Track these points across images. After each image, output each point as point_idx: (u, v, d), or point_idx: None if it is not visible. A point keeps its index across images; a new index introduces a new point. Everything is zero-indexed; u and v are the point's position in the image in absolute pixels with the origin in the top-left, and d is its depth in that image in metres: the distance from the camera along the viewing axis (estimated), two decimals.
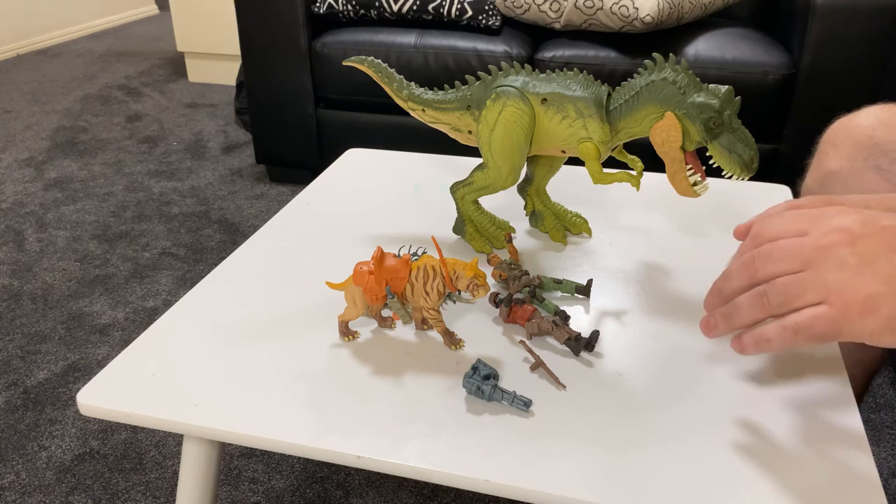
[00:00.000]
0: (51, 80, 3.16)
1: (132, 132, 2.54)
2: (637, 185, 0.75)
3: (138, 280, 1.63)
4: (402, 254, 0.64)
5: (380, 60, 0.81)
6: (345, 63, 0.83)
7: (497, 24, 1.82)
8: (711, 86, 0.66)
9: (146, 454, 1.14)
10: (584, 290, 0.71)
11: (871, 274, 0.44)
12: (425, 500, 1.05)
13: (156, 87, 3.04)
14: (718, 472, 0.51)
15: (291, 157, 2.04)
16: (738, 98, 0.66)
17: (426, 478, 0.52)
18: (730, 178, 0.68)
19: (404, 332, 0.67)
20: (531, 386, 0.59)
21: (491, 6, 1.81)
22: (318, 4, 1.87)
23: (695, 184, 0.69)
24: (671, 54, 0.69)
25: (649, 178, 0.97)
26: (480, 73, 0.76)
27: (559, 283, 0.72)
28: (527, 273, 0.71)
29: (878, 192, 0.73)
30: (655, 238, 0.83)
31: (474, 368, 0.58)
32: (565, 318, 0.67)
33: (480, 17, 1.82)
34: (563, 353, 0.63)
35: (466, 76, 0.78)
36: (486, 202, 0.92)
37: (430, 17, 1.85)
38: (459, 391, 0.59)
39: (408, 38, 1.81)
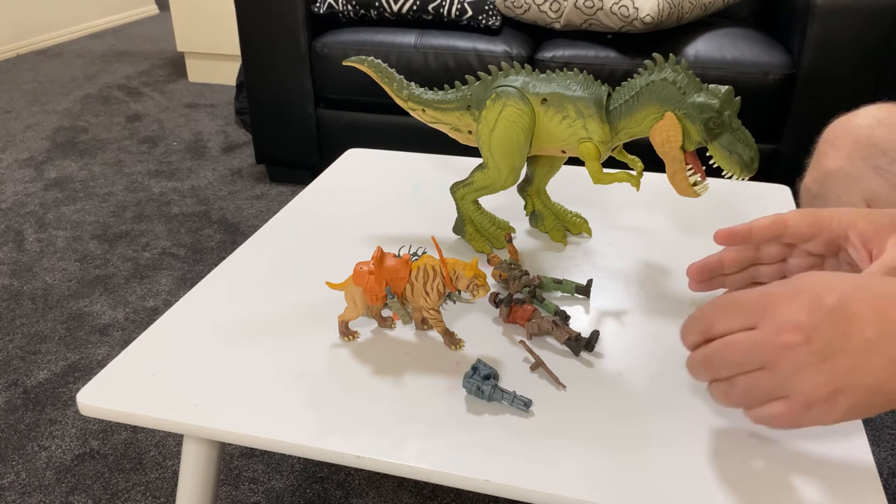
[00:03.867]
0: (51, 80, 3.16)
1: (132, 132, 2.54)
2: (637, 185, 0.75)
3: (138, 280, 1.63)
4: (402, 254, 0.64)
5: (380, 60, 0.81)
6: (345, 63, 0.83)
7: (497, 24, 1.82)
8: (711, 86, 0.66)
9: (146, 454, 1.14)
10: (584, 290, 0.71)
11: (830, 370, 0.45)
12: (425, 500, 1.05)
13: (156, 87, 3.04)
14: (718, 472, 0.51)
15: (291, 157, 2.04)
16: (738, 98, 0.66)
17: (426, 478, 0.52)
18: (730, 178, 0.68)
19: (404, 332, 0.67)
20: (531, 386, 0.59)
21: (491, 6, 1.81)
22: (318, 4, 1.87)
23: (695, 184, 0.69)
24: (671, 54, 0.69)
25: (649, 178, 0.97)
26: (480, 73, 0.76)
27: (559, 283, 0.72)
28: (527, 273, 0.71)
29: (877, 192, 0.73)
30: (655, 238, 0.83)
31: (474, 368, 0.58)
32: (565, 318, 0.67)
33: (480, 17, 1.82)
34: (563, 353, 0.63)
35: (466, 76, 0.78)
36: (486, 202, 0.92)
37: (430, 17, 1.85)
38: (459, 391, 0.59)
39: (408, 38, 1.81)
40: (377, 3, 1.85)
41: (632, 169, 0.76)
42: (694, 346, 0.51)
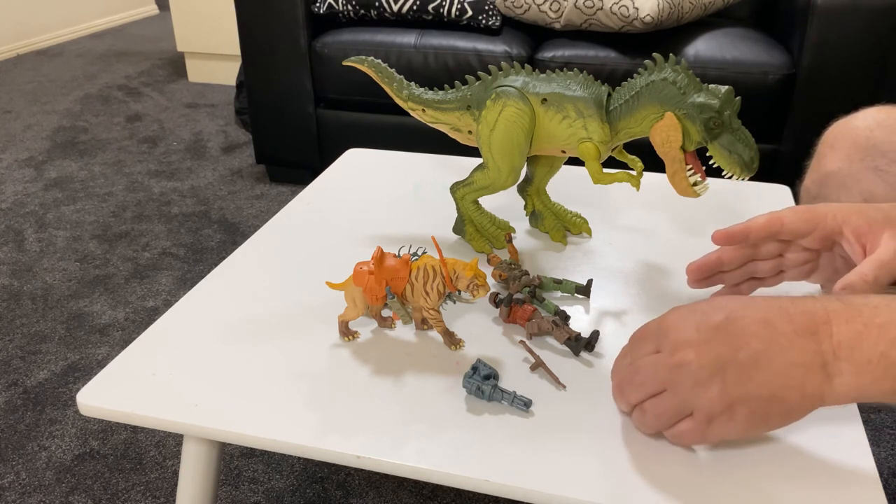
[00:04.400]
0: (51, 80, 3.16)
1: (132, 132, 2.54)
2: (637, 185, 0.75)
3: (138, 280, 1.63)
4: (402, 254, 0.64)
5: (380, 60, 0.81)
6: (345, 63, 0.83)
7: (497, 24, 1.82)
8: (711, 86, 0.66)
9: (146, 454, 1.14)
10: (584, 290, 0.71)
11: (721, 383, 0.47)
12: (425, 500, 1.05)
13: (156, 87, 3.04)
14: (718, 472, 0.51)
15: (291, 157, 2.04)
16: (738, 98, 0.66)
17: (426, 478, 0.52)
18: (730, 178, 0.68)
19: (404, 332, 0.67)
20: (531, 386, 0.59)
21: (491, 6, 1.81)
22: (318, 4, 1.87)
23: (695, 184, 0.69)
24: (671, 54, 0.69)
25: (649, 178, 0.97)
26: (480, 73, 0.76)
27: (559, 283, 0.72)
28: (527, 273, 0.71)
29: (876, 193, 0.73)
30: (655, 238, 0.83)
31: (474, 368, 0.58)
32: (565, 318, 0.67)
33: (480, 17, 1.82)
34: (563, 353, 0.63)
35: (466, 76, 0.78)
36: (486, 202, 0.92)
37: (430, 17, 1.85)
38: (459, 391, 0.59)
39: (408, 38, 1.81)
40: (377, 3, 1.85)
41: (632, 169, 0.76)
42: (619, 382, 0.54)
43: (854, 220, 0.57)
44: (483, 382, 0.57)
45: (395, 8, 1.84)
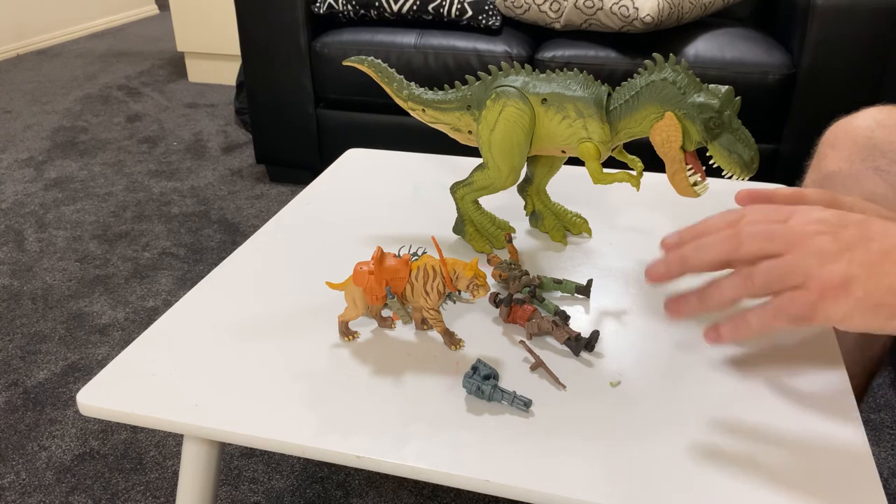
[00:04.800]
0: (51, 80, 3.16)
1: (132, 132, 2.54)
2: (637, 185, 0.75)
3: (138, 280, 1.63)
4: (402, 254, 0.64)
5: (380, 60, 0.81)
6: (345, 63, 0.83)
7: (497, 24, 1.82)
8: (711, 86, 0.66)
9: (146, 454, 1.14)
10: (584, 290, 0.71)
11: (848, 259, 0.47)
12: (425, 500, 1.05)
13: (156, 87, 3.04)
14: (718, 471, 0.51)
15: (291, 157, 2.04)
16: (738, 98, 0.66)
17: (426, 478, 0.52)
18: (730, 178, 0.68)
19: (404, 332, 0.67)
20: (531, 386, 0.59)
21: (491, 6, 1.81)
22: (318, 4, 1.87)
23: (695, 184, 0.69)
24: (671, 54, 0.69)
25: (649, 178, 0.97)
26: (480, 73, 0.76)
27: (559, 283, 0.72)
28: (527, 273, 0.71)
29: (877, 193, 0.73)
30: (655, 238, 0.83)
31: (474, 368, 0.58)
32: (565, 318, 0.67)
33: (480, 17, 1.82)
34: (563, 353, 0.63)
35: (466, 76, 0.78)
36: (486, 202, 0.92)
37: (430, 17, 1.85)
38: (459, 391, 0.59)
39: (408, 38, 1.81)
40: (377, 3, 1.85)
41: (632, 169, 0.76)
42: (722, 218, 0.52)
43: (871, 214, 0.57)
44: (483, 382, 0.57)
45: (395, 8, 1.84)
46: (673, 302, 0.55)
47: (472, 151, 1.70)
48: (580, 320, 0.68)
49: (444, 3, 1.81)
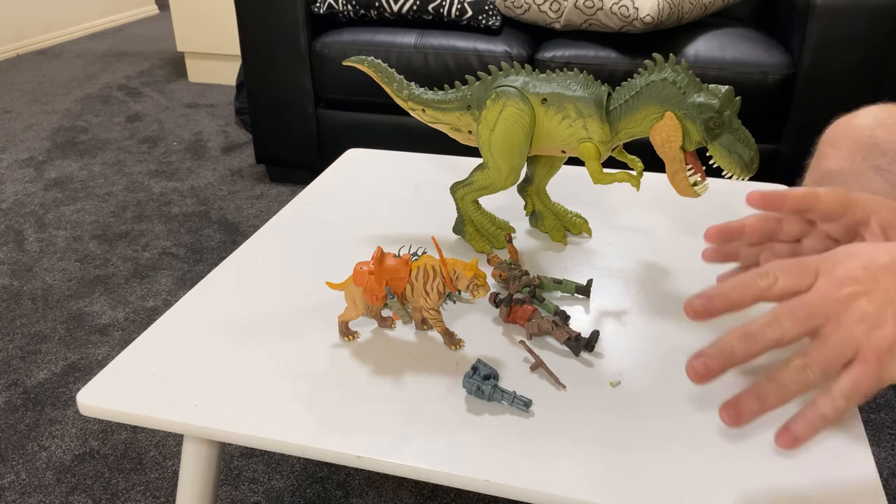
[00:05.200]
0: (51, 80, 3.16)
1: (132, 132, 2.54)
2: (637, 185, 0.75)
3: (138, 280, 1.63)
4: (402, 254, 0.64)
5: (380, 60, 0.81)
6: (345, 63, 0.83)
7: (497, 24, 1.82)
8: (711, 86, 0.66)
9: (146, 454, 1.14)
10: (584, 290, 0.71)
11: (892, 316, 0.45)
12: (425, 500, 1.05)
13: (156, 87, 3.04)
14: (718, 471, 0.51)
15: (291, 157, 2.04)
16: (738, 98, 0.66)
17: (426, 478, 0.52)
18: (730, 178, 0.68)
19: (404, 332, 0.67)
20: (531, 386, 0.59)
21: (491, 6, 1.81)
22: (318, 4, 1.87)
23: (695, 184, 0.69)
24: (671, 54, 0.69)
25: (649, 178, 0.97)
26: (480, 73, 0.76)
27: (559, 283, 0.72)
28: (527, 273, 0.71)
29: (878, 192, 0.73)
30: (655, 238, 0.83)
31: (474, 368, 0.58)
32: (565, 318, 0.67)
33: (480, 17, 1.82)
34: (563, 353, 0.63)
35: (466, 76, 0.78)
36: (486, 202, 0.92)
37: (430, 17, 1.85)
38: (459, 391, 0.59)
39: (408, 38, 1.81)
40: (377, 3, 1.85)
41: (632, 169, 0.76)
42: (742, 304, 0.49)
43: (884, 213, 0.56)
44: (483, 382, 0.57)
45: (395, 8, 1.84)
46: (732, 409, 0.49)
47: (472, 151, 1.70)
48: (580, 320, 0.68)
49: (444, 3, 1.81)
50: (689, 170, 0.69)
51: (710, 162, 0.68)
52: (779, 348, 0.48)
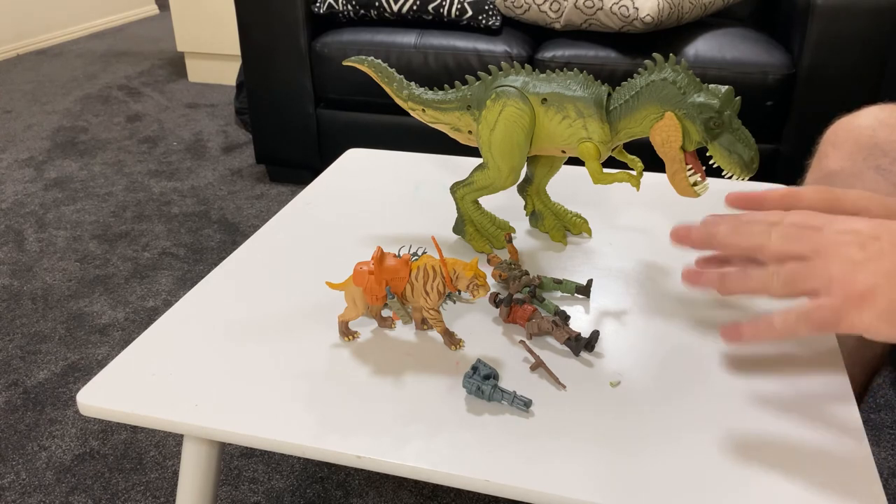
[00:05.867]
0: (51, 80, 3.16)
1: (132, 132, 2.54)
2: (637, 185, 0.75)
3: (138, 280, 1.63)
4: (402, 254, 0.64)
5: (380, 60, 0.81)
6: (345, 63, 0.83)
7: (497, 24, 1.82)
8: (711, 86, 0.66)
9: (146, 454, 1.14)
10: (584, 290, 0.71)
11: (873, 269, 0.47)
12: (425, 500, 1.05)
13: (156, 87, 3.04)
14: (718, 471, 0.51)
15: (291, 157, 2.04)
16: (738, 98, 0.66)
17: (426, 478, 0.52)
18: (730, 178, 0.68)
19: (404, 332, 0.67)
20: (531, 386, 0.59)
21: (491, 6, 1.81)
22: (318, 4, 1.87)
23: (695, 184, 0.69)
24: (671, 54, 0.69)
25: (649, 178, 0.97)
26: (480, 73, 0.76)
27: (559, 283, 0.72)
28: (527, 273, 0.71)
29: (879, 192, 0.73)
30: (655, 238, 0.83)
31: (474, 368, 0.58)
32: (565, 318, 0.67)
33: (480, 17, 1.82)
34: (563, 353, 0.63)
35: (466, 76, 0.78)
36: (486, 202, 0.92)
37: (430, 17, 1.85)
38: (459, 391, 0.59)
39: (408, 38, 1.81)
40: (377, 3, 1.85)
41: (632, 169, 0.76)
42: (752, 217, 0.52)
43: (873, 209, 0.56)
44: (483, 382, 0.57)
45: (395, 8, 1.84)
46: (695, 272, 0.55)
47: (472, 151, 1.70)
48: (580, 320, 0.68)
49: (444, 3, 1.81)
50: (689, 170, 0.69)
51: (710, 162, 0.68)
52: (759, 258, 0.52)
